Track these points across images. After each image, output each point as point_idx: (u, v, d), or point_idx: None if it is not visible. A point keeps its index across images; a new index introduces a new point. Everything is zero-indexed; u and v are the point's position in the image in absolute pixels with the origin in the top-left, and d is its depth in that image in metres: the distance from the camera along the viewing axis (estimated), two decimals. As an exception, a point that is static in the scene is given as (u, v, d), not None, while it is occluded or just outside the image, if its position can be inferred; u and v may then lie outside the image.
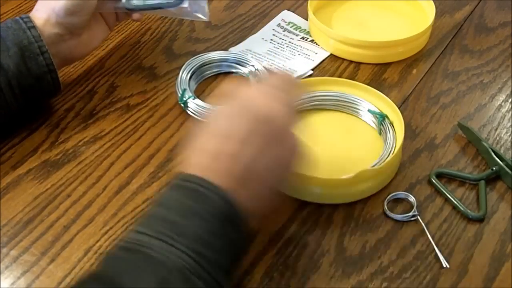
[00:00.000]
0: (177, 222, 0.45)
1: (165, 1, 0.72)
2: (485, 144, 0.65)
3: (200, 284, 0.43)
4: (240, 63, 0.77)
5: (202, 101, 0.71)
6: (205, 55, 0.78)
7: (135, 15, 0.74)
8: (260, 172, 0.49)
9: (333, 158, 0.66)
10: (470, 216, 0.60)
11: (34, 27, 0.65)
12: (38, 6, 0.67)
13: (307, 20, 0.85)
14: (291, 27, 0.85)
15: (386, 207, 0.61)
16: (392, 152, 0.64)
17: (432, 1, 0.83)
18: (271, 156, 0.50)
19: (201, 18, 0.74)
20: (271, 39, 0.83)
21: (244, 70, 0.77)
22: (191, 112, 0.71)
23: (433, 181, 0.63)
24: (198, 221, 0.45)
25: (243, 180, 0.48)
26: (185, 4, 0.72)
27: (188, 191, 0.47)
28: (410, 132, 0.69)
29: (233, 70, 0.77)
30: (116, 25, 0.79)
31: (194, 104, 0.70)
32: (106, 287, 0.42)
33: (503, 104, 0.73)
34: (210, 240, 0.45)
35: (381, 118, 0.68)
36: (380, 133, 0.68)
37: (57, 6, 0.66)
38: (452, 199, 0.61)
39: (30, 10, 0.86)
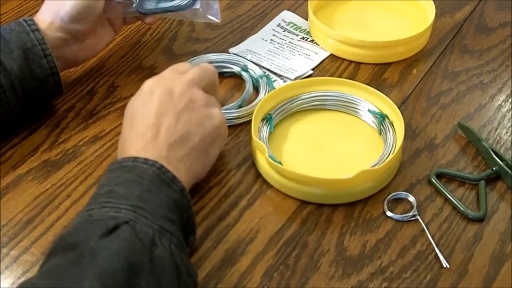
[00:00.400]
0: (115, 191, 0.50)
1: (177, 4, 0.72)
2: (485, 144, 0.65)
3: (146, 228, 0.47)
4: (238, 64, 0.77)
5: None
6: (205, 56, 0.77)
7: (148, 19, 0.74)
8: (180, 136, 0.56)
9: (333, 158, 0.66)
10: (470, 216, 0.60)
11: (38, 30, 0.64)
12: (43, 9, 0.67)
13: (307, 20, 0.85)
14: (291, 27, 0.85)
15: (386, 207, 0.61)
16: (392, 152, 0.64)
17: (432, 1, 0.83)
18: (187, 120, 0.57)
19: (214, 20, 0.74)
20: (271, 39, 0.83)
21: (243, 72, 0.76)
22: None
23: (433, 181, 0.63)
24: (133, 186, 0.51)
25: (173, 156, 0.55)
26: (197, 5, 0.72)
27: (119, 169, 0.53)
28: (410, 132, 0.69)
29: (232, 71, 0.77)
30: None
31: None
32: (63, 251, 0.45)
33: (503, 104, 0.73)
34: (147, 197, 0.50)
35: (381, 118, 0.68)
36: (380, 133, 0.68)
37: (62, 11, 0.66)
38: (452, 199, 0.61)
39: (30, 10, 0.87)
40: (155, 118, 0.56)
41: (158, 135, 0.55)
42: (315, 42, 0.82)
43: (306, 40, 0.83)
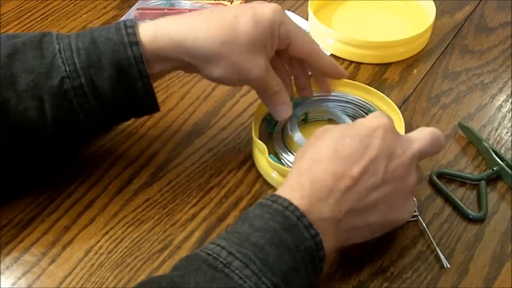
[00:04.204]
0: (265, 253, 0.44)
1: None
2: (486, 144, 0.65)
3: None
4: None
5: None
6: None
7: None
8: (365, 205, 0.49)
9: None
10: (471, 216, 0.60)
11: (137, 43, 0.54)
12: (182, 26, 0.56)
13: (307, 20, 0.85)
14: (291, 27, 0.85)
15: (386, 207, 0.61)
16: (392, 152, 0.63)
17: (432, 1, 0.83)
18: (382, 195, 0.50)
19: None
20: (272, 39, 0.83)
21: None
22: None
23: (434, 181, 0.63)
24: (285, 256, 0.45)
25: (343, 223, 0.49)
26: None
27: (280, 218, 0.46)
28: (411, 132, 0.69)
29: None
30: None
31: None
32: None
33: (503, 104, 0.73)
34: (292, 277, 0.45)
35: (382, 118, 0.68)
36: (380, 133, 0.68)
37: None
38: (453, 199, 0.61)
39: (30, 10, 0.87)
40: (360, 170, 0.48)
41: (343, 208, 0.48)
42: (315, 42, 0.82)
43: (306, 40, 0.83)
